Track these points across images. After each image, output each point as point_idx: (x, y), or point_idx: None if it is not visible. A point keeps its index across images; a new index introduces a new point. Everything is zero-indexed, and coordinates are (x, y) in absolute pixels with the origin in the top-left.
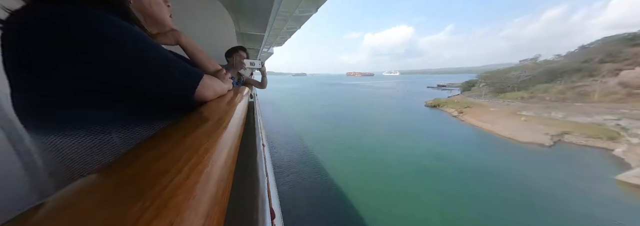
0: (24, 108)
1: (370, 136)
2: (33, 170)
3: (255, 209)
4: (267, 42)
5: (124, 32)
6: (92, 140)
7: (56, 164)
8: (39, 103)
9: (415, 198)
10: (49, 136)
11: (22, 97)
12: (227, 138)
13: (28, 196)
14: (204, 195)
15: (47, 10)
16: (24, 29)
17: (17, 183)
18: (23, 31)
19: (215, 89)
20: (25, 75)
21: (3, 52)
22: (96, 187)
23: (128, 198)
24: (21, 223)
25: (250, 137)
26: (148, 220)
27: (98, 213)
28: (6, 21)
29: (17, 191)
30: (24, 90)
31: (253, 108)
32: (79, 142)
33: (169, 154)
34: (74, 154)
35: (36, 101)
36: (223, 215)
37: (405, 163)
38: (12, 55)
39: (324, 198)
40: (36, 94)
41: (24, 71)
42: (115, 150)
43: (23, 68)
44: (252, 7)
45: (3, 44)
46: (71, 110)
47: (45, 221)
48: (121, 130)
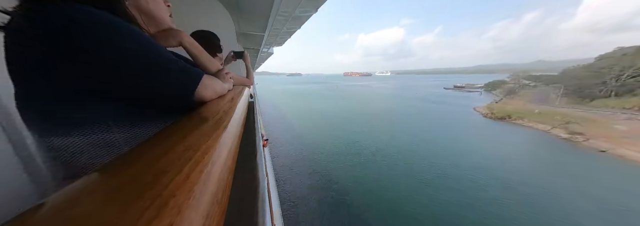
0: (26, 108)
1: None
2: (33, 170)
3: (255, 209)
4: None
5: (124, 31)
6: (92, 140)
7: (57, 164)
8: (41, 103)
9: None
10: (51, 136)
11: (25, 96)
12: (227, 138)
13: (28, 196)
14: (204, 195)
15: (47, 10)
16: (25, 29)
17: (17, 183)
18: (24, 31)
19: (215, 89)
20: (27, 75)
21: (6, 52)
22: (96, 187)
23: (128, 198)
24: (21, 223)
25: (250, 137)
26: (148, 220)
27: (98, 213)
28: (8, 22)
29: (17, 191)
30: (26, 90)
31: (253, 108)
32: (79, 142)
33: (169, 154)
34: (74, 154)
35: (38, 101)
36: (223, 215)
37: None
38: (14, 56)
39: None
40: (38, 94)
41: (26, 71)
42: (116, 150)
43: (25, 69)
44: (252, 7)
45: (6, 44)
46: (72, 110)
47: (45, 221)
48: (121, 130)
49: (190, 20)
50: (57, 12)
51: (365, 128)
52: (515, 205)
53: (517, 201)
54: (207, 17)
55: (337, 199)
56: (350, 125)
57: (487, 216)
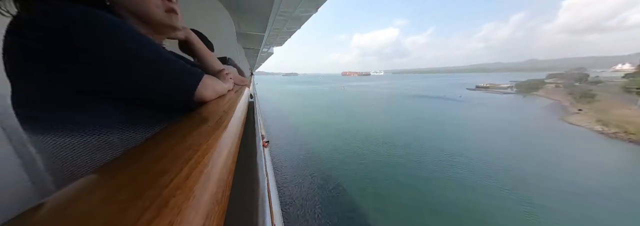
0: (24, 109)
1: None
2: (33, 170)
3: (255, 209)
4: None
5: (124, 31)
6: (92, 140)
7: (56, 164)
8: (39, 103)
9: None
10: (49, 136)
11: (22, 97)
12: (227, 138)
13: (28, 196)
14: (204, 195)
15: (47, 10)
16: (24, 29)
17: (17, 183)
18: (23, 31)
19: (215, 89)
20: (26, 76)
21: (4, 52)
22: (96, 187)
23: (128, 198)
24: (21, 223)
25: (250, 137)
26: (148, 220)
27: (98, 213)
28: (10, 22)
29: (17, 191)
30: (24, 90)
31: (253, 108)
32: (79, 142)
33: (169, 154)
34: (74, 154)
35: (38, 101)
36: (223, 215)
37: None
38: (12, 56)
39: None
40: (37, 95)
41: (25, 72)
42: (116, 150)
43: (23, 69)
44: (252, 7)
45: (5, 44)
46: (72, 111)
47: (45, 221)
48: (121, 131)
49: (190, 20)
50: (57, 13)
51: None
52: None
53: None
54: (207, 17)
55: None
56: (415, 161)
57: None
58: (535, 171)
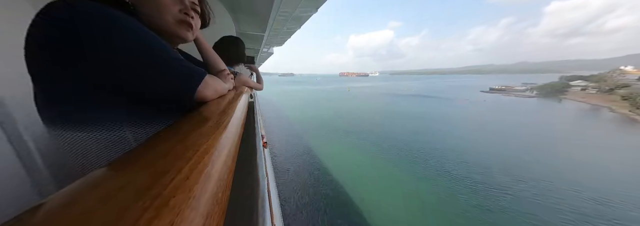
0: (45, 106)
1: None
2: (33, 170)
3: (255, 209)
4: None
5: (129, 28)
6: (92, 139)
7: (56, 164)
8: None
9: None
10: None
11: (44, 94)
12: (227, 138)
13: (28, 195)
14: (204, 195)
15: (47, 10)
16: (41, 30)
17: (17, 183)
18: (39, 31)
19: (216, 88)
20: (42, 73)
21: (26, 52)
22: (96, 187)
23: (128, 198)
24: (21, 223)
25: (250, 137)
26: (148, 220)
27: (98, 212)
28: (30, 25)
29: (17, 190)
30: (46, 88)
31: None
32: (78, 142)
33: (169, 154)
34: (73, 154)
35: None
36: (223, 215)
37: None
38: (32, 54)
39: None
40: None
41: (42, 69)
42: (116, 150)
43: (43, 67)
44: (252, 7)
45: (26, 44)
46: (72, 110)
47: (45, 221)
48: (121, 130)
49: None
50: (60, 10)
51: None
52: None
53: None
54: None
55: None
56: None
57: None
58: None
